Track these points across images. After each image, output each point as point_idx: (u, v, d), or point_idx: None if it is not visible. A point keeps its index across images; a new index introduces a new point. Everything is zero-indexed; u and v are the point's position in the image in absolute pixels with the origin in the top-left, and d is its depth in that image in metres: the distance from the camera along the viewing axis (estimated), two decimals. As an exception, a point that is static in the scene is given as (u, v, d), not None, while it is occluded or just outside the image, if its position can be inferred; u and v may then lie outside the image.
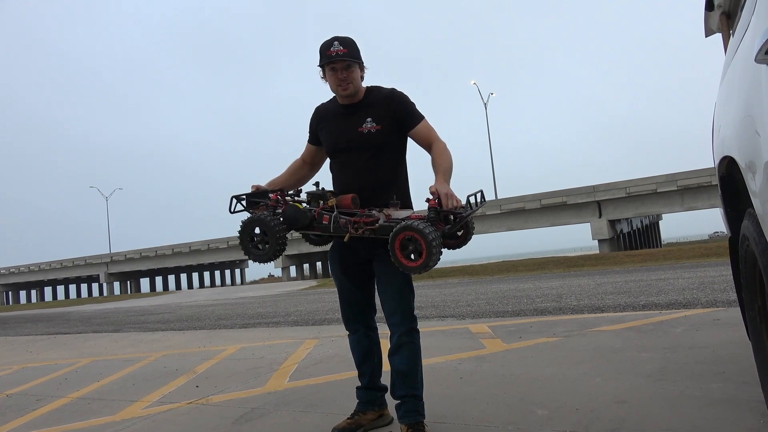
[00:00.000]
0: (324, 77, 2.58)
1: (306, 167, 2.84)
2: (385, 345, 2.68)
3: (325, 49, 2.50)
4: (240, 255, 50.92)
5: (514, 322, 5.75)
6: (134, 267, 57.27)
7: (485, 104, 44.08)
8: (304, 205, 2.59)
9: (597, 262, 17.84)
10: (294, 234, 2.71)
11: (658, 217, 53.67)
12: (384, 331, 2.71)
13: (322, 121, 2.69)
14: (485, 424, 2.62)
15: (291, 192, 2.71)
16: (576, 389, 3.01)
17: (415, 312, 2.64)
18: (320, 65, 2.54)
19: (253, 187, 2.68)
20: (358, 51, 2.53)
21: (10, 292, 70.15)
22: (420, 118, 2.58)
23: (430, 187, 2.35)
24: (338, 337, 4.58)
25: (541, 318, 5.86)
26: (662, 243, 57.00)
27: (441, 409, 2.81)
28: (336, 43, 2.48)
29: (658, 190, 33.52)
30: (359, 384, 2.76)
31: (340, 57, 2.46)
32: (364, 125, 2.54)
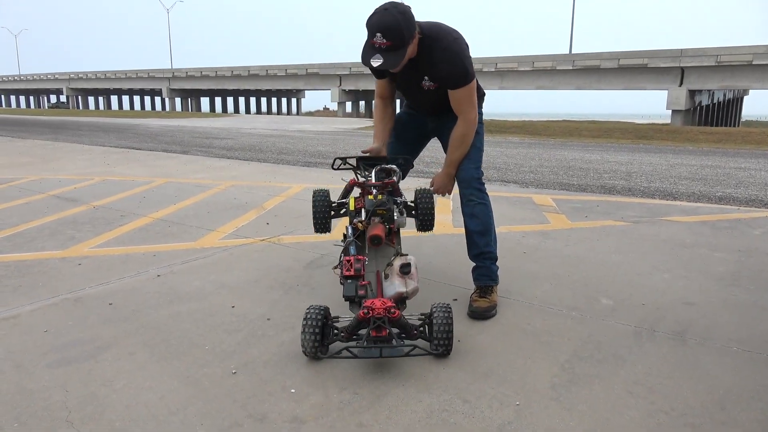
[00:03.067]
0: None
1: (388, 103, 2.80)
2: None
3: (369, 35, 2.24)
4: (297, 84, 50.73)
5: (580, 198, 5.65)
6: (195, 85, 58.13)
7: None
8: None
9: (668, 136, 16.90)
10: (352, 69, 2.81)
11: (744, 92, 49.37)
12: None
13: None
14: (549, 305, 2.69)
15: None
16: (642, 282, 3.02)
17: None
18: (363, 61, 2.29)
19: (364, 151, 2.73)
20: (402, 35, 2.22)
21: (79, 97, 73.24)
22: (459, 85, 2.47)
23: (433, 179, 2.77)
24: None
25: (608, 197, 5.72)
26: (741, 121, 53.13)
27: (505, 284, 2.88)
28: (379, 35, 2.20)
29: (753, 62, 30.38)
30: None
31: (380, 58, 2.24)
32: (423, 82, 2.54)
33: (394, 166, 2.64)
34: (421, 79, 2.54)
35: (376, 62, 2.25)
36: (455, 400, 1.87)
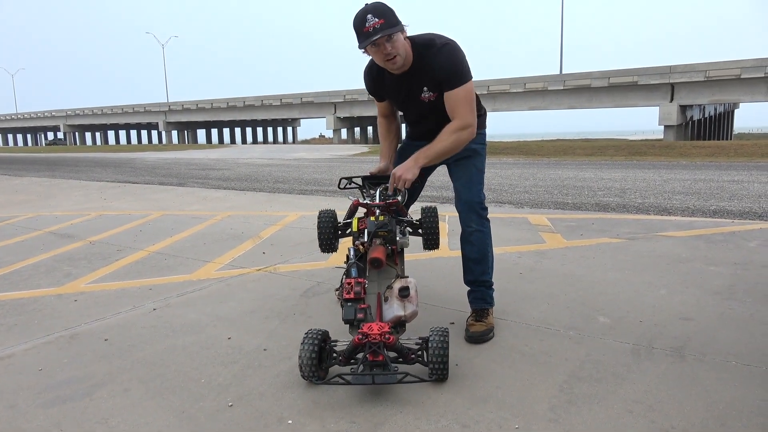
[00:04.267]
0: (366, 52, 2.41)
1: (392, 120, 2.84)
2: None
3: (360, 25, 2.27)
4: (292, 113, 51.18)
5: (575, 216, 5.67)
6: (191, 118, 58.66)
7: (563, -35, 39.92)
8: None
9: (661, 151, 17.04)
10: (347, 96, 2.81)
11: (734, 105, 49.93)
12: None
13: (380, 87, 2.65)
14: (546, 326, 2.68)
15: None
16: (639, 299, 3.01)
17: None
18: (361, 47, 2.34)
19: (370, 172, 2.74)
20: (394, 14, 2.29)
21: (76, 133, 73.76)
22: (455, 83, 2.41)
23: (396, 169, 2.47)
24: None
25: (603, 215, 5.75)
26: (733, 134, 53.59)
27: (502, 305, 2.88)
28: (369, 16, 2.25)
29: (742, 76, 30.82)
30: None
31: (379, 32, 2.24)
32: (423, 94, 2.50)
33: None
34: (420, 91, 2.50)
35: (376, 35, 2.24)
36: (454, 425, 1.85)
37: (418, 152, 2.48)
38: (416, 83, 2.49)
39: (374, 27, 2.24)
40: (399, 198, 2.57)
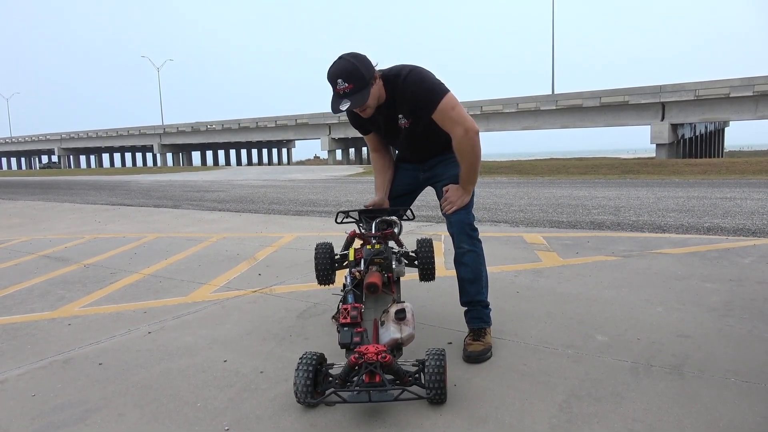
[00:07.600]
0: None
1: (384, 154, 2.88)
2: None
3: (332, 84, 2.36)
4: (287, 134, 51.40)
5: (570, 234, 5.69)
6: (186, 140, 58.79)
7: (553, -12, 40.62)
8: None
9: (654, 169, 17.18)
10: (341, 117, 2.94)
11: (725, 123, 50.52)
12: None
13: (362, 121, 2.70)
14: (544, 345, 2.67)
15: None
16: (637, 317, 3.01)
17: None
18: (335, 113, 2.45)
19: (366, 205, 2.80)
20: (362, 75, 2.34)
21: (71, 156, 73.72)
22: (433, 106, 2.45)
23: (445, 188, 2.63)
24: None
25: (598, 233, 5.77)
26: (724, 151, 54.13)
27: (499, 324, 2.87)
28: (340, 80, 2.32)
29: (730, 95, 31.24)
30: None
31: (348, 103, 2.34)
32: (399, 121, 2.58)
33: (394, 218, 2.71)
34: (395, 119, 2.58)
35: (344, 105, 2.35)
36: (453, 447, 1.82)
37: (462, 185, 2.60)
38: (393, 113, 2.57)
39: (344, 91, 2.33)
40: (395, 229, 2.61)
